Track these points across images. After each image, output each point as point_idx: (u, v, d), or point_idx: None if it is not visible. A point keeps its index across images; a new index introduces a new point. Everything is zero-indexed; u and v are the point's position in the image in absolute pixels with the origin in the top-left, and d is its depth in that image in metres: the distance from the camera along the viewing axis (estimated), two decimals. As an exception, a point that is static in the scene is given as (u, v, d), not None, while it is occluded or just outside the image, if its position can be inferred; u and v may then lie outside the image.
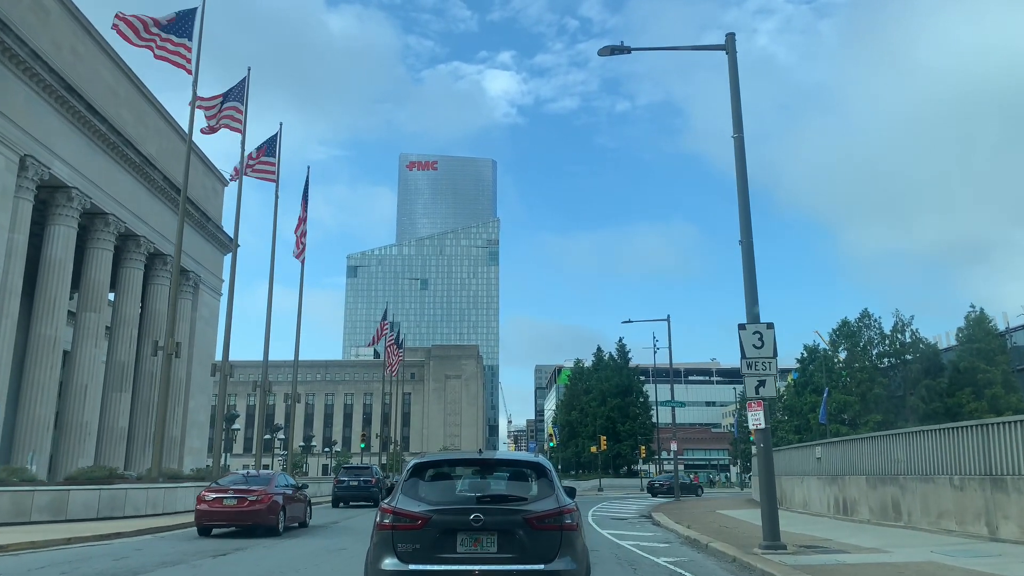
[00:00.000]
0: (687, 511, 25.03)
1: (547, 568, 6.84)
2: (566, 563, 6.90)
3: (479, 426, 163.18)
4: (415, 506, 7.15)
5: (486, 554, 6.89)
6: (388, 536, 7.04)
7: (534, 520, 6.98)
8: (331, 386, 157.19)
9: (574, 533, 7.15)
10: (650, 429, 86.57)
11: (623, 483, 75.35)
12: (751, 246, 14.49)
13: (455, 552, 6.91)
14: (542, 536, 6.96)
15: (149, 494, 26.01)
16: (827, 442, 22.85)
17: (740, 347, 13.84)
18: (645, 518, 23.80)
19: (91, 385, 41.73)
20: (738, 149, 15.05)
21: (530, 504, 7.21)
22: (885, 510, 17.52)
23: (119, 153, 44.13)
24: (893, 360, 66.69)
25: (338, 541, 17.82)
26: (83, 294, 42.67)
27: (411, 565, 6.87)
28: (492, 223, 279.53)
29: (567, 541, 7.02)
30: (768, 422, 13.43)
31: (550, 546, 6.94)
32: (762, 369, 13.69)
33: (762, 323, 14.11)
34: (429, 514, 7.01)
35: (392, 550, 6.96)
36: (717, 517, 21.78)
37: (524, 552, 6.87)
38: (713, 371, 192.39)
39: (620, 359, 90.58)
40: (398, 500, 7.32)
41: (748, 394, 13.66)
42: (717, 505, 30.18)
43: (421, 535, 6.93)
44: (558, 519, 7.07)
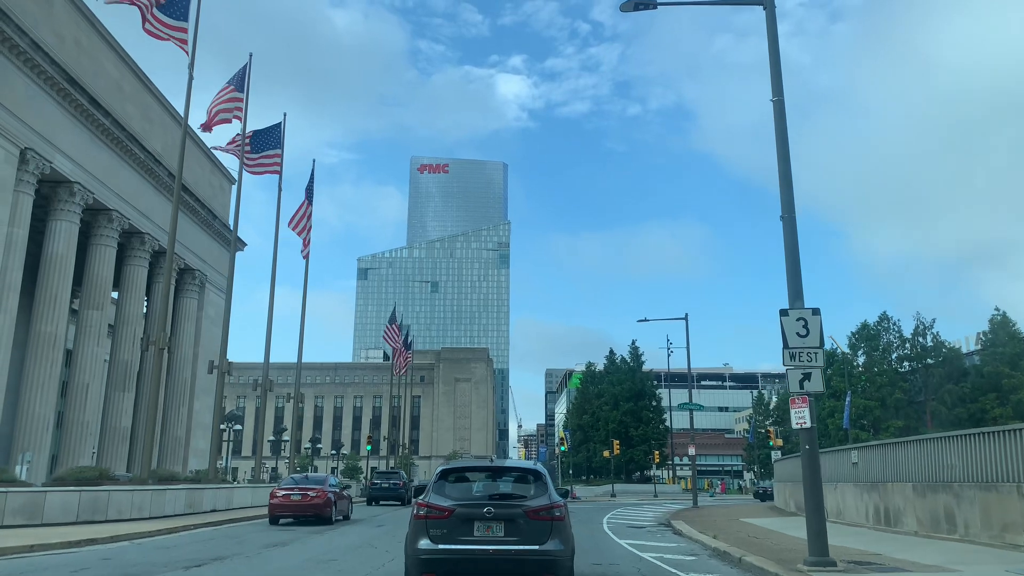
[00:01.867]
0: (708, 519, 23.65)
1: (540, 548, 8.99)
2: (555, 544, 9.08)
3: (489, 430, 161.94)
4: (443, 501, 9.39)
5: (495, 537, 9.07)
6: (423, 524, 9.31)
7: (531, 512, 9.18)
8: (340, 388, 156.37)
9: (562, 523, 9.31)
10: (663, 434, 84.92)
11: (636, 489, 73.83)
12: (794, 221, 13.08)
13: (472, 536, 9.09)
14: (537, 524, 9.12)
15: (135, 497, 24.43)
16: (864, 445, 21.12)
17: (782, 335, 12.42)
18: (664, 526, 22.51)
19: (93, 384, 40.82)
20: (778, 113, 13.75)
21: (528, 501, 9.37)
22: (936, 521, 16.00)
23: (123, 149, 43.28)
24: (914, 364, 64.97)
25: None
26: (86, 291, 41.79)
27: (440, 545, 9.09)
28: (503, 226, 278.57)
29: (556, 528, 9.17)
30: (814, 420, 12.08)
31: (543, 532, 9.09)
32: (807, 360, 12.24)
33: (807, 308, 12.68)
34: (453, 507, 9.23)
35: (426, 534, 9.21)
36: (742, 526, 20.45)
37: (524, 536, 9.02)
38: (726, 376, 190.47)
39: (633, 362, 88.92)
40: (430, 497, 9.58)
41: (792, 388, 12.26)
42: (738, 512, 28.77)
43: (447, 523, 9.18)
44: (549, 512, 9.25)
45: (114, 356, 45.09)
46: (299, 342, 45.38)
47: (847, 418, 48.28)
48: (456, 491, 9.75)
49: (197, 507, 29.00)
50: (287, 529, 22.01)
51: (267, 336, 40.17)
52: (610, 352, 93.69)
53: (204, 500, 29.98)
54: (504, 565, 9.01)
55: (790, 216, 13.10)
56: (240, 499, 34.74)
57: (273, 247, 39.96)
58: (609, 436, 77.47)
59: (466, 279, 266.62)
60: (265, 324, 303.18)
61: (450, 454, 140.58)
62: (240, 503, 34.40)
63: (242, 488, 36.06)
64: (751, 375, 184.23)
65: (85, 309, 41.60)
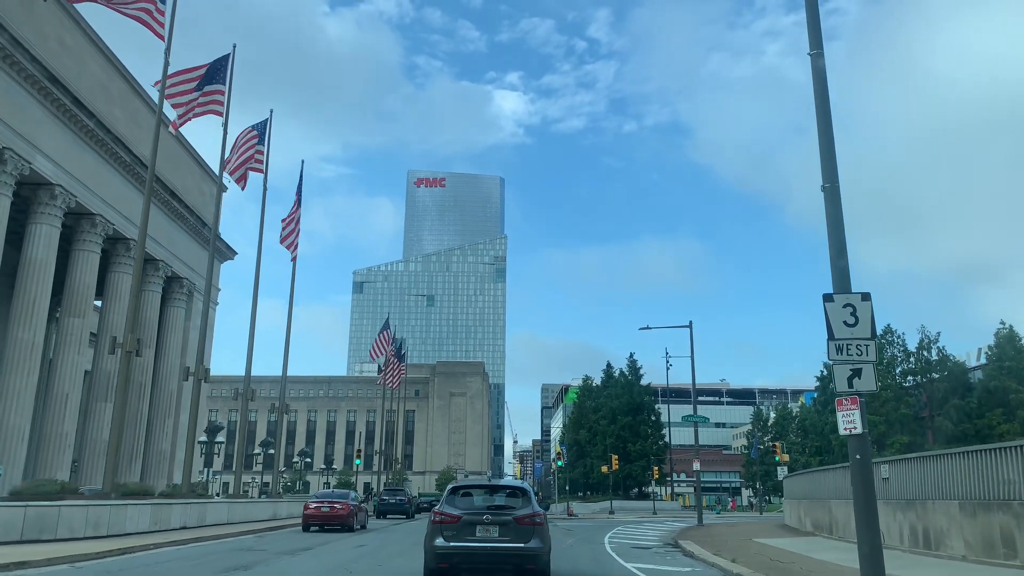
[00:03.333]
0: (718, 538, 22.14)
1: (525, 545, 11.85)
2: (536, 543, 11.95)
3: (484, 445, 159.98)
4: (453, 511, 12.33)
5: (492, 537, 11.94)
6: (438, 527, 12.21)
7: (518, 519, 12.05)
8: (334, 402, 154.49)
9: (542, 527, 12.23)
10: (662, 450, 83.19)
11: (634, 506, 72.08)
12: (837, 192, 11.63)
13: (475, 536, 11.99)
14: (523, 528, 11.97)
15: (90, 513, 22.08)
16: (897, 459, 19.06)
17: (827, 324, 10.94)
18: (672, 547, 20.97)
19: (73, 394, 39.28)
20: (817, 70, 12.43)
21: (517, 511, 12.28)
22: (990, 545, 14.20)
23: (109, 152, 42.01)
24: (918, 379, 63.58)
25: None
26: (67, 298, 40.35)
27: (451, 543, 11.97)
28: (499, 240, 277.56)
29: (537, 531, 12.07)
30: (865, 425, 10.63)
31: (528, 533, 11.96)
32: (856, 354, 10.77)
33: (855, 293, 11.29)
34: (461, 515, 12.16)
35: (441, 534, 12.09)
36: (758, 547, 18.84)
37: (513, 536, 11.87)
38: (723, 391, 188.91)
39: (631, 375, 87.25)
40: (443, 507, 12.57)
41: (838, 387, 10.86)
42: (748, 531, 27.07)
43: (456, 527, 12.02)
44: (532, 519, 12.18)
45: (96, 365, 43.62)
46: (284, 352, 43.97)
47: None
48: (463, 503, 12.92)
49: (164, 524, 26.88)
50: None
51: (249, 345, 38.76)
52: (607, 366, 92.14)
53: (172, 517, 27.89)
54: (498, 557, 12.15)
55: (833, 186, 11.67)
56: (215, 515, 32.54)
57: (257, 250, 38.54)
58: (607, 451, 75.77)
59: (462, 293, 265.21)
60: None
61: (444, 470, 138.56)
62: (215, 519, 32.19)
63: (216, 504, 33.73)
64: (748, 391, 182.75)
65: (66, 316, 40.15)
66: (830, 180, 11.56)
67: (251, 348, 39.86)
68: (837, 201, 11.49)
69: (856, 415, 10.55)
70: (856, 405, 10.60)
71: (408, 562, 16.29)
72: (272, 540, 23.65)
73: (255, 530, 29.12)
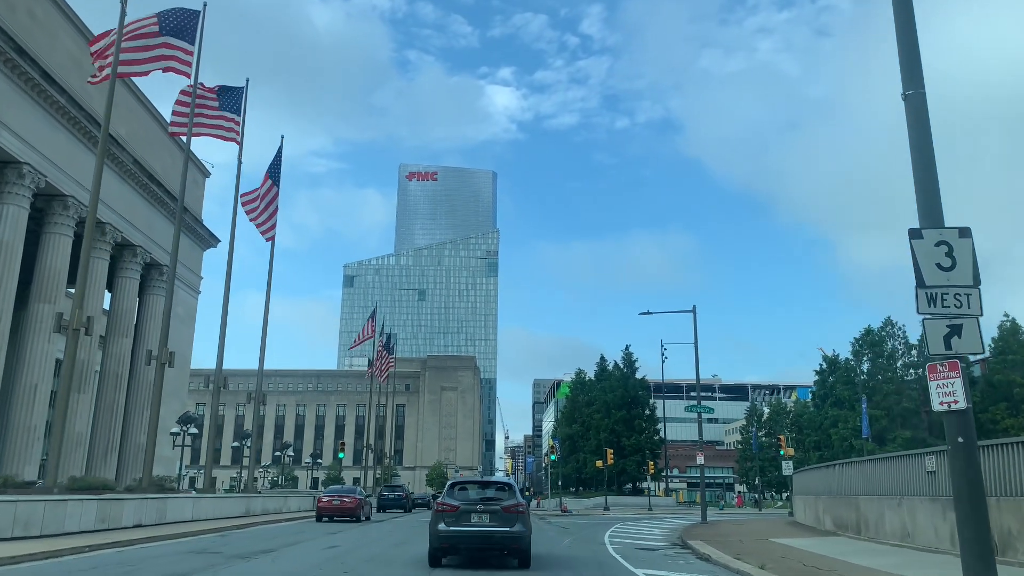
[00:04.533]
0: (729, 537, 20.45)
1: (510, 529, 14.81)
2: (519, 528, 14.89)
3: (475, 440, 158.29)
4: (452, 501, 15.21)
5: (483, 523, 14.88)
6: (440, 515, 15.12)
7: (505, 508, 15.00)
8: (323, 397, 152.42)
9: (524, 515, 15.16)
10: (658, 444, 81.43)
11: (629, 501, 70.33)
12: (923, 99, 9.44)
13: (470, 522, 14.88)
14: (508, 515, 14.92)
15: (20, 509, 18.94)
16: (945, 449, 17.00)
17: (915, 268, 8.74)
18: (681, 548, 19.28)
19: (42, 385, 37.26)
20: (915, 110, 9.97)
21: (504, 502, 15.20)
22: None
23: (82, 131, 39.97)
24: (919, 372, 62.06)
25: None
26: (36, 283, 38.31)
27: (451, 528, 14.87)
28: (491, 234, 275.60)
29: (520, 518, 15.02)
30: (969, 399, 8.72)
31: (512, 520, 14.91)
32: (955, 305, 8.56)
33: (950, 228, 9.05)
34: (458, 505, 15.07)
35: (442, 521, 14.99)
36: (780, 548, 17.38)
37: (500, 522, 14.85)
38: (716, 387, 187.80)
39: (626, 368, 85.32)
40: (444, 499, 15.49)
41: (932, 350, 8.77)
42: (758, 530, 24.97)
43: (455, 515, 14.95)
44: (516, 509, 15.09)
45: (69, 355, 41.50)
46: (261, 341, 42.06)
47: (866, 426, 45.10)
48: (460, 496, 15.40)
49: (114, 522, 23.66)
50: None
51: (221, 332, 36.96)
52: (601, 359, 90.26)
53: (124, 514, 24.66)
54: (488, 538, 14.74)
55: (918, 92, 9.60)
56: (177, 512, 29.32)
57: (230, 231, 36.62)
58: (601, 445, 74.07)
59: (454, 287, 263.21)
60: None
61: (435, 465, 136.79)
62: (177, 516, 29.05)
63: (179, 499, 30.59)
64: (741, 386, 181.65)
65: (35, 303, 38.10)
66: (915, 86, 9.47)
67: (223, 335, 38.49)
68: (923, 112, 9.45)
69: (957, 385, 8.61)
70: (956, 372, 8.65)
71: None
72: (235, 540, 21.56)
73: (221, 528, 26.95)
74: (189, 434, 42.76)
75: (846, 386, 64.99)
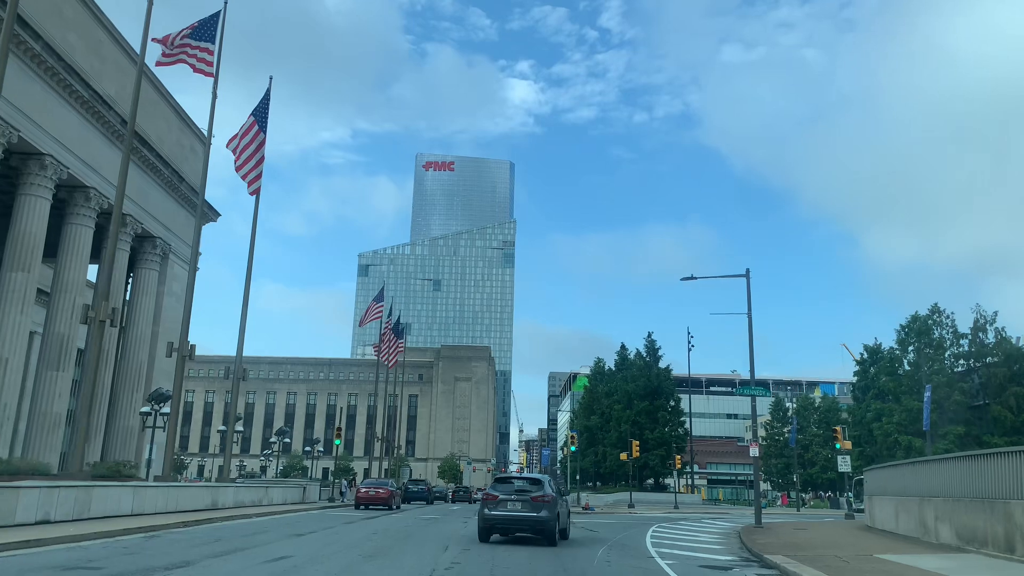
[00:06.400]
0: (817, 551, 16.40)
1: (538, 515, 18.68)
2: (544, 513, 18.71)
3: (489, 432, 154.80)
4: (495, 492, 19.75)
5: (517, 509, 19.00)
6: (486, 502, 19.55)
7: (534, 498, 19.02)
8: (334, 385, 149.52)
9: (551, 503, 19.04)
10: (682, 438, 76.97)
11: (652, 498, 66.21)
12: None
13: (507, 509, 19.09)
14: (536, 504, 18.84)
15: None
16: None
17: None
18: (759, 566, 15.14)
19: (13, 359, 33.87)
20: None
21: (533, 492, 19.32)
22: None
23: (63, 85, 36.49)
24: (971, 363, 57.63)
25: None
26: (10, 249, 34.92)
27: (493, 512, 19.17)
28: (508, 224, 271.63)
29: (546, 506, 18.83)
30: None
31: (540, 507, 18.78)
32: None
33: None
34: (498, 495, 19.50)
35: (487, 506, 19.41)
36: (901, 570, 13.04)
37: (530, 509, 18.82)
38: (736, 382, 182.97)
39: (649, 357, 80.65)
40: (489, 489, 20.45)
41: None
42: (837, 538, 20.43)
43: (496, 502, 19.28)
44: (543, 498, 19.00)
45: (47, 329, 38.19)
46: (241, 317, 38.59)
47: (927, 417, 40.78)
48: (501, 487, 20.14)
49: (5, 518, 18.31)
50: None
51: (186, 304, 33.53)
52: (622, 347, 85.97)
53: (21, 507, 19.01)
54: (520, 521, 19.17)
55: None
56: (108, 504, 23.67)
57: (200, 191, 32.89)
58: (622, 437, 69.95)
59: (469, 278, 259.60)
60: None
61: (447, 456, 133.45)
62: (107, 510, 23.36)
63: (116, 488, 25.27)
64: (762, 382, 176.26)
65: (8, 271, 34.69)
66: None
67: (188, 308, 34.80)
68: None
69: None
70: None
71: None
72: (159, 545, 16.39)
73: (162, 525, 21.37)
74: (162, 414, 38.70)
75: (890, 377, 60.53)
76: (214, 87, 29.24)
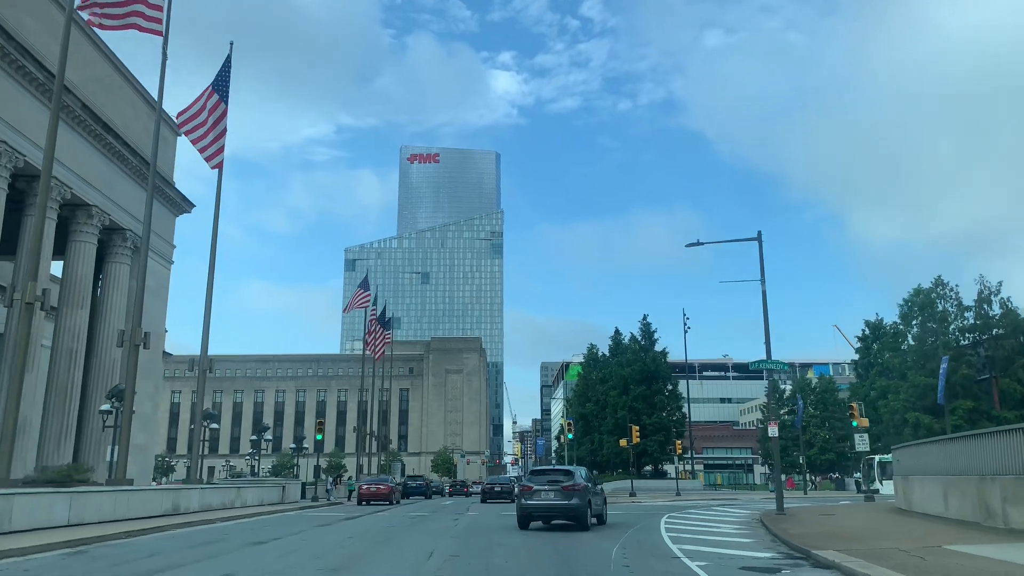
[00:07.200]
0: (869, 543, 13.96)
1: (568, 502, 21.00)
2: (575, 501, 20.98)
3: (482, 424, 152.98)
4: (530, 483, 21.97)
5: (549, 498, 21.29)
6: (522, 493, 22.02)
7: (564, 487, 21.22)
8: (324, 382, 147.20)
9: (580, 492, 21.19)
10: (681, 422, 75.28)
11: (654, 486, 64.36)
12: None
13: (542, 498, 21.37)
14: (567, 492, 21.12)
15: None
16: None
17: None
18: (811, 565, 12.55)
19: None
20: None
21: (564, 482, 21.38)
22: None
23: (16, 68, 34.19)
24: (976, 336, 55.96)
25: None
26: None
27: (528, 501, 21.51)
28: (495, 215, 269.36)
29: (576, 494, 21.06)
30: None
31: (571, 495, 21.05)
32: None
33: None
34: (533, 485, 21.73)
35: (523, 497, 21.87)
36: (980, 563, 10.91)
37: (561, 497, 21.13)
38: (729, 366, 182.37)
39: (644, 340, 78.81)
40: (525, 481, 23.25)
41: None
42: (879, 525, 18.86)
43: (532, 492, 21.56)
44: (573, 487, 21.19)
45: (9, 326, 35.83)
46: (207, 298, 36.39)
47: (942, 390, 39.07)
48: (535, 479, 22.12)
49: None
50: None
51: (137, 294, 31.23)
52: (615, 332, 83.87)
53: None
54: (553, 509, 21.15)
55: None
56: (35, 515, 20.41)
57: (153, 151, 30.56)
58: (619, 424, 68.18)
59: (458, 270, 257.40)
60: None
61: (440, 450, 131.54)
62: (34, 522, 20.07)
63: (93, 494, 23.12)
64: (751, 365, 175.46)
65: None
66: None
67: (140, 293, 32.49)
68: None
69: None
70: None
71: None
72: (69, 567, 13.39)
73: (99, 537, 18.25)
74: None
75: (894, 353, 58.89)
76: (163, 47, 26.85)
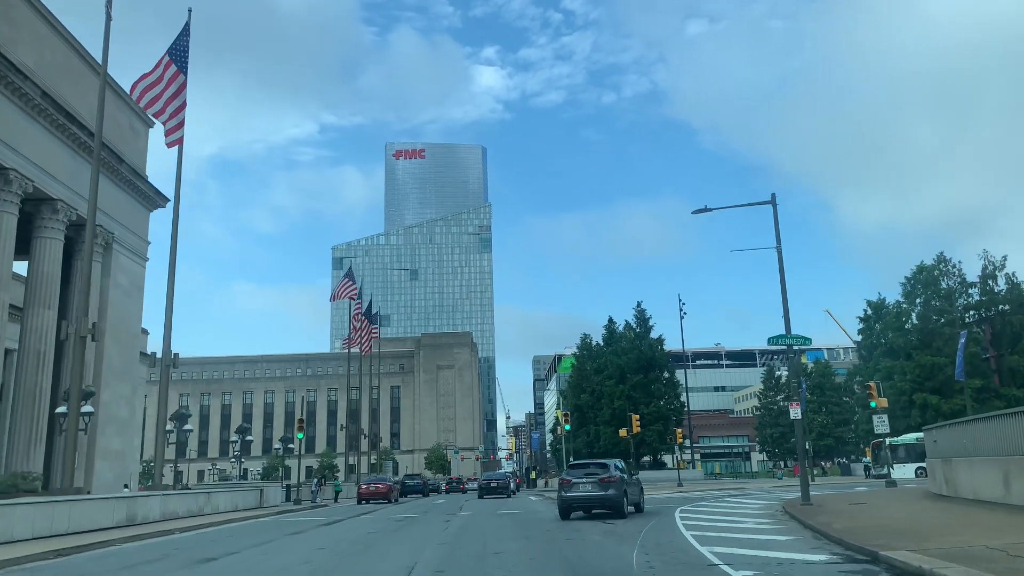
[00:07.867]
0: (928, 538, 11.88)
1: (605, 493, 22.59)
2: (611, 492, 22.54)
3: (475, 420, 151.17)
4: (569, 476, 23.68)
5: (587, 490, 22.84)
6: (562, 485, 23.56)
7: (602, 479, 22.85)
8: (313, 381, 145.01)
9: (617, 483, 22.72)
10: (679, 411, 73.64)
11: (655, 476, 62.60)
12: None
13: (580, 489, 22.92)
14: (604, 484, 22.72)
15: None
16: None
17: None
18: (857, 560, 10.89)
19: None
20: None
21: (600, 475, 23.07)
22: None
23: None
24: (982, 313, 54.47)
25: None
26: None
27: (569, 493, 23.01)
28: (483, 209, 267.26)
29: (612, 485, 22.65)
30: None
31: (608, 487, 22.64)
32: None
33: None
34: (572, 478, 23.36)
35: (563, 489, 23.35)
36: None
37: (599, 488, 22.71)
38: (722, 354, 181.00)
39: (640, 328, 76.99)
40: (564, 475, 24.84)
41: None
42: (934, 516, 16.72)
43: (571, 485, 23.11)
44: (609, 479, 22.82)
45: (-31, 329, 33.77)
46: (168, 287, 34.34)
47: (960, 367, 37.62)
48: (573, 472, 23.61)
49: None
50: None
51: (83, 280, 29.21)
52: (609, 321, 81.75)
53: None
54: (591, 499, 22.56)
55: None
56: (15, 526, 19.03)
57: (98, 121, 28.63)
58: (616, 414, 66.53)
59: (447, 265, 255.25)
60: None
61: (434, 447, 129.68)
62: (14, 533, 18.66)
63: (21, 506, 20.33)
64: (748, 352, 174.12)
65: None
66: None
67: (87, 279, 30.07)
68: None
69: None
70: None
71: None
72: None
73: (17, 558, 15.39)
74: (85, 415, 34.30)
75: (898, 333, 57.33)
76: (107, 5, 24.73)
